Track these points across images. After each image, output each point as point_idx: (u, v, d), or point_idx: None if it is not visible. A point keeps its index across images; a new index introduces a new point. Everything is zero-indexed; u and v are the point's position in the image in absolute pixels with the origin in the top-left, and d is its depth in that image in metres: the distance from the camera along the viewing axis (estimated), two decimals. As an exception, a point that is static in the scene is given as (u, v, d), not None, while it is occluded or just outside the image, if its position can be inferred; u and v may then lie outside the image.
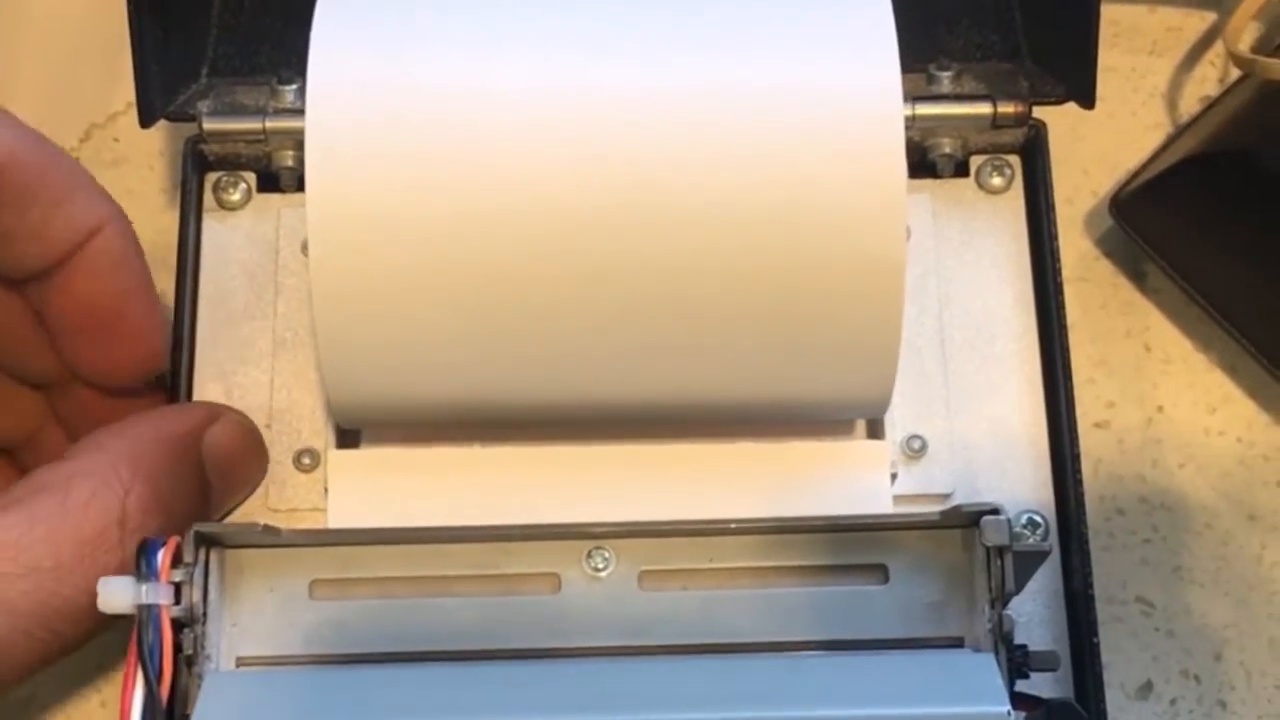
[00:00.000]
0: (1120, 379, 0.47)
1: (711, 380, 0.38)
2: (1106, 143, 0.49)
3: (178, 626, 0.34)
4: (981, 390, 0.42)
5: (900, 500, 0.40)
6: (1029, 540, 0.40)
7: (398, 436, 0.40)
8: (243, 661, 0.36)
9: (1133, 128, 0.50)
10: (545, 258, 0.36)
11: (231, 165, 0.44)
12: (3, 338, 0.41)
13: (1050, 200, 0.43)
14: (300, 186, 0.42)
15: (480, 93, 0.36)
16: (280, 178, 0.44)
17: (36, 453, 0.42)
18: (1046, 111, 0.44)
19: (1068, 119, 0.45)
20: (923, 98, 0.43)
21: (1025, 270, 0.43)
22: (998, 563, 0.35)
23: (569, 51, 0.36)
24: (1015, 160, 0.44)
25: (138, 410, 0.40)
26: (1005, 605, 0.35)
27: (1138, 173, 0.48)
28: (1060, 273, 0.42)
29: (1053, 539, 0.41)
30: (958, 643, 0.36)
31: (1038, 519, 0.41)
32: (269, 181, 0.44)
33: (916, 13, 0.44)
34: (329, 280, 0.36)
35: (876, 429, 0.41)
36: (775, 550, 0.36)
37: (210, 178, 0.44)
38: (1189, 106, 0.51)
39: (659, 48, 0.37)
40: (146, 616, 0.34)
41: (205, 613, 0.35)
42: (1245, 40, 0.50)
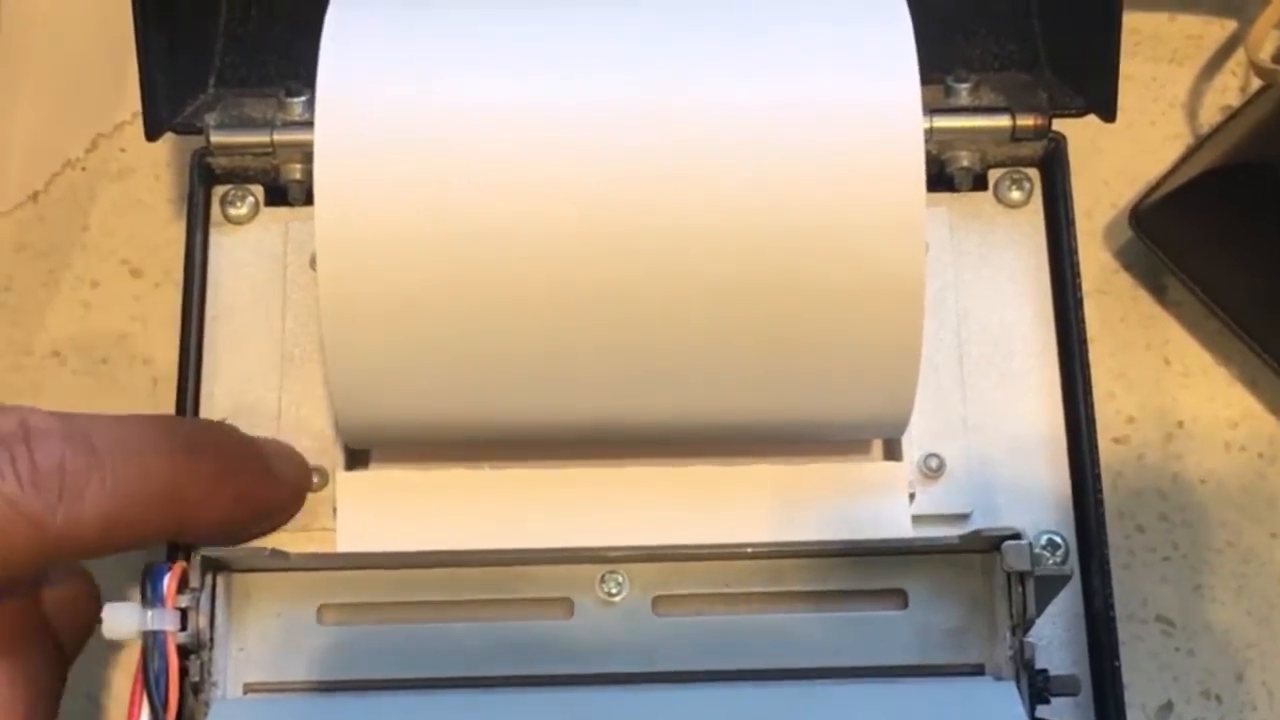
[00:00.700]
0: (1140, 393, 0.47)
1: (726, 400, 0.37)
2: (1126, 153, 0.48)
3: (184, 653, 0.34)
4: (1000, 407, 0.42)
5: (918, 520, 0.39)
6: (1049, 561, 0.40)
7: (408, 455, 0.40)
8: (250, 688, 0.35)
9: (1152, 138, 0.49)
10: (557, 276, 0.35)
11: (239, 178, 0.43)
12: None
13: (1070, 214, 0.42)
14: (309, 200, 0.41)
15: (490, 109, 0.36)
16: (288, 191, 0.43)
17: None
18: (1065, 121, 0.43)
19: (1087, 129, 0.44)
20: (940, 110, 0.43)
21: (1044, 285, 0.43)
22: (1019, 589, 0.34)
23: (580, 67, 0.36)
24: (1034, 173, 0.43)
25: None
26: (1027, 632, 0.34)
27: (1158, 184, 0.47)
28: (1080, 288, 0.42)
29: (1073, 560, 0.40)
30: (978, 670, 0.35)
31: (1058, 539, 0.40)
32: (277, 195, 0.43)
33: (933, 22, 0.44)
34: (337, 301, 0.35)
35: (894, 448, 0.40)
36: (792, 575, 0.36)
37: (217, 191, 0.43)
38: (1210, 116, 0.50)
39: (673, 63, 0.36)
40: (152, 643, 0.33)
41: (212, 638, 0.34)
42: (1267, 49, 0.50)
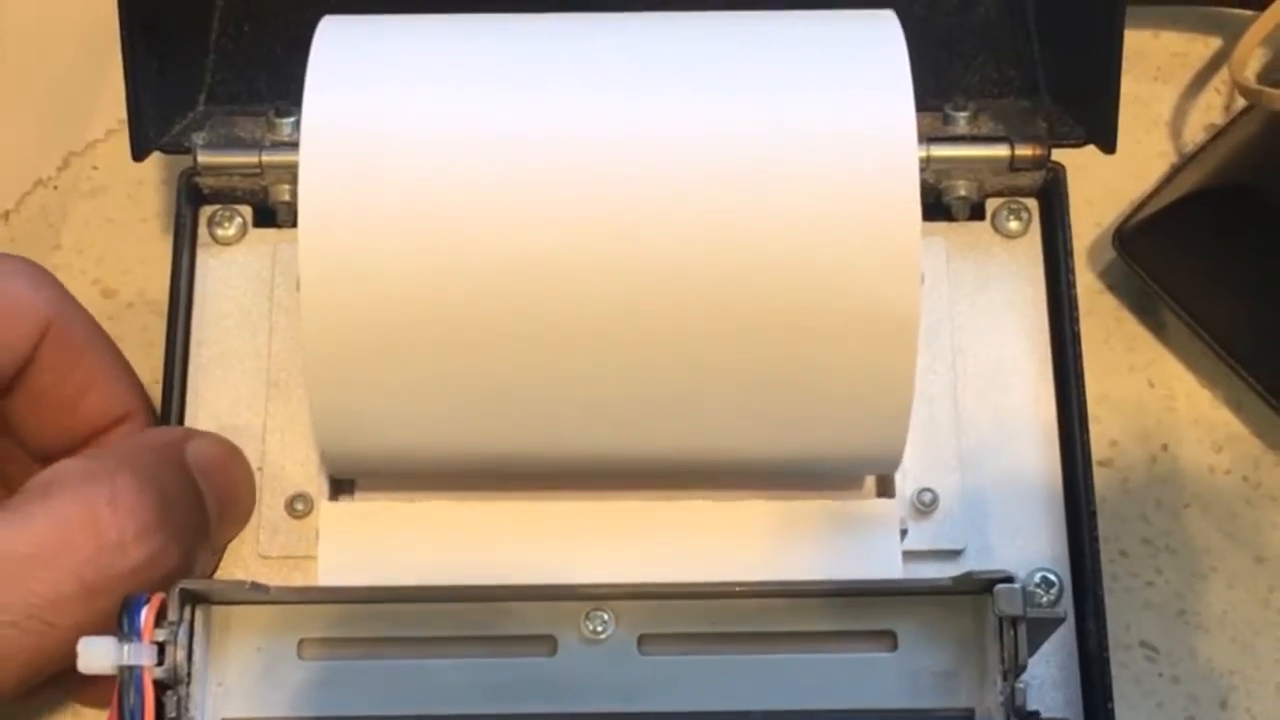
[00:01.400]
0: (1123, 416, 0.46)
1: (715, 435, 0.37)
2: (1110, 172, 0.47)
3: (161, 688, 0.33)
4: (994, 442, 0.41)
5: (910, 556, 0.39)
6: (1042, 600, 0.39)
7: (393, 484, 0.39)
8: (228, 724, 0.35)
9: (1137, 156, 0.49)
10: (544, 306, 0.35)
11: (227, 198, 0.43)
12: None
13: (1068, 246, 0.42)
14: (297, 222, 0.41)
15: (479, 136, 0.35)
16: (277, 212, 0.43)
17: None
18: (1050, 139, 0.43)
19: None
20: (938, 138, 0.42)
21: (1041, 318, 0.42)
22: (1011, 633, 0.34)
23: (569, 98, 0.35)
24: (1032, 203, 0.43)
25: None
26: (1019, 676, 0.34)
27: (1142, 205, 0.47)
28: (1078, 321, 0.41)
29: (1066, 599, 0.40)
30: (968, 715, 0.35)
31: (1051, 577, 0.40)
32: (265, 215, 0.43)
33: (931, 47, 0.44)
34: (321, 331, 0.35)
35: (886, 484, 0.40)
36: (780, 614, 0.35)
37: (205, 211, 0.43)
38: (1194, 134, 0.50)
39: (664, 91, 0.36)
40: (128, 678, 0.33)
41: (190, 673, 0.34)
42: (1251, 68, 0.49)
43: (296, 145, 0.37)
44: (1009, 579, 0.34)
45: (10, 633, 0.34)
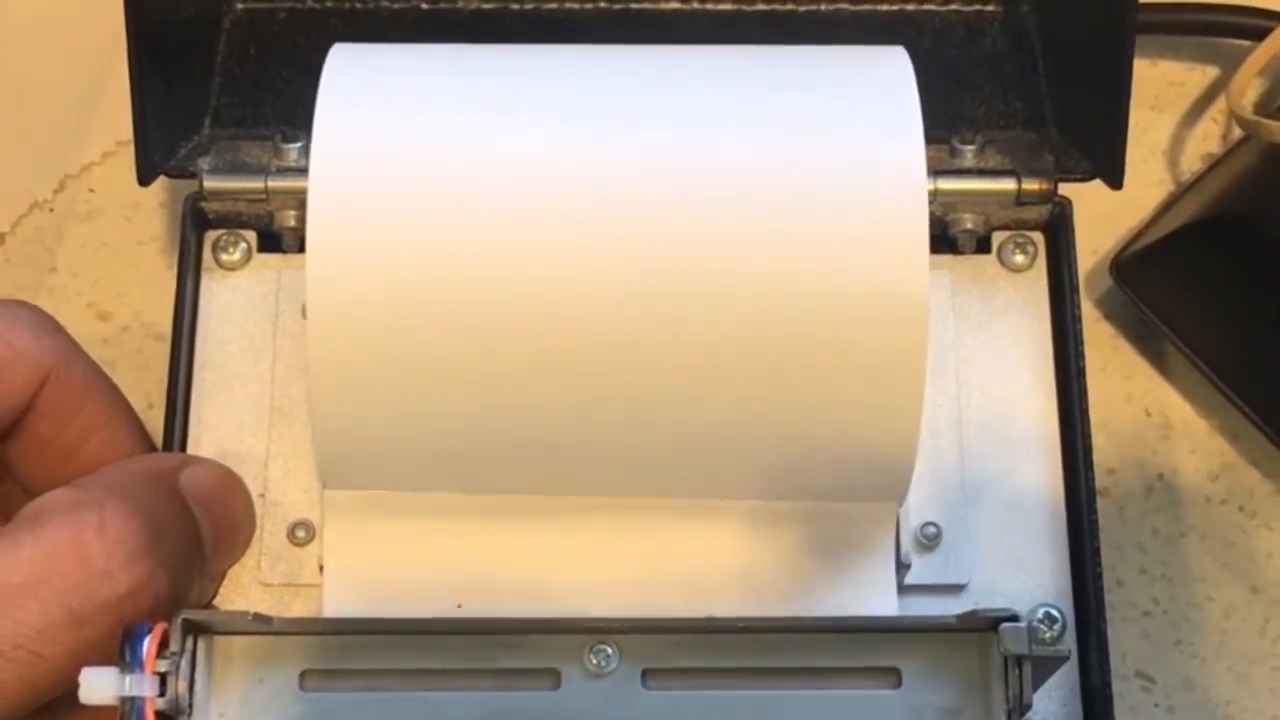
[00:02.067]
0: (1120, 445, 0.46)
1: (721, 469, 0.36)
2: (1107, 200, 0.47)
3: (162, 719, 0.33)
4: (998, 476, 0.41)
5: (913, 591, 0.39)
6: (1045, 636, 0.39)
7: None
8: (230, 755, 0.35)
9: (1133, 185, 0.48)
10: (554, 339, 0.35)
11: (231, 223, 0.43)
12: None
13: (1074, 281, 0.42)
14: (302, 247, 0.40)
15: (491, 167, 0.35)
16: (282, 238, 0.42)
17: None
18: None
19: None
20: (945, 171, 0.42)
21: (1047, 352, 0.42)
22: (1016, 671, 0.34)
23: (579, 129, 0.35)
24: (1039, 237, 0.43)
25: None
26: (1023, 715, 0.34)
27: (1139, 234, 0.47)
28: (1083, 356, 0.41)
29: (1070, 635, 0.39)
30: (973, 754, 0.35)
31: (1055, 613, 0.40)
32: (270, 241, 0.43)
33: (939, 79, 0.44)
34: (326, 363, 0.35)
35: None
36: (785, 650, 0.35)
37: (209, 236, 0.43)
38: (1191, 163, 0.50)
39: (675, 125, 0.36)
40: (130, 709, 0.33)
41: (191, 704, 0.34)
42: (1249, 98, 0.49)
43: (303, 171, 0.37)
44: (1014, 618, 0.34)
45: None
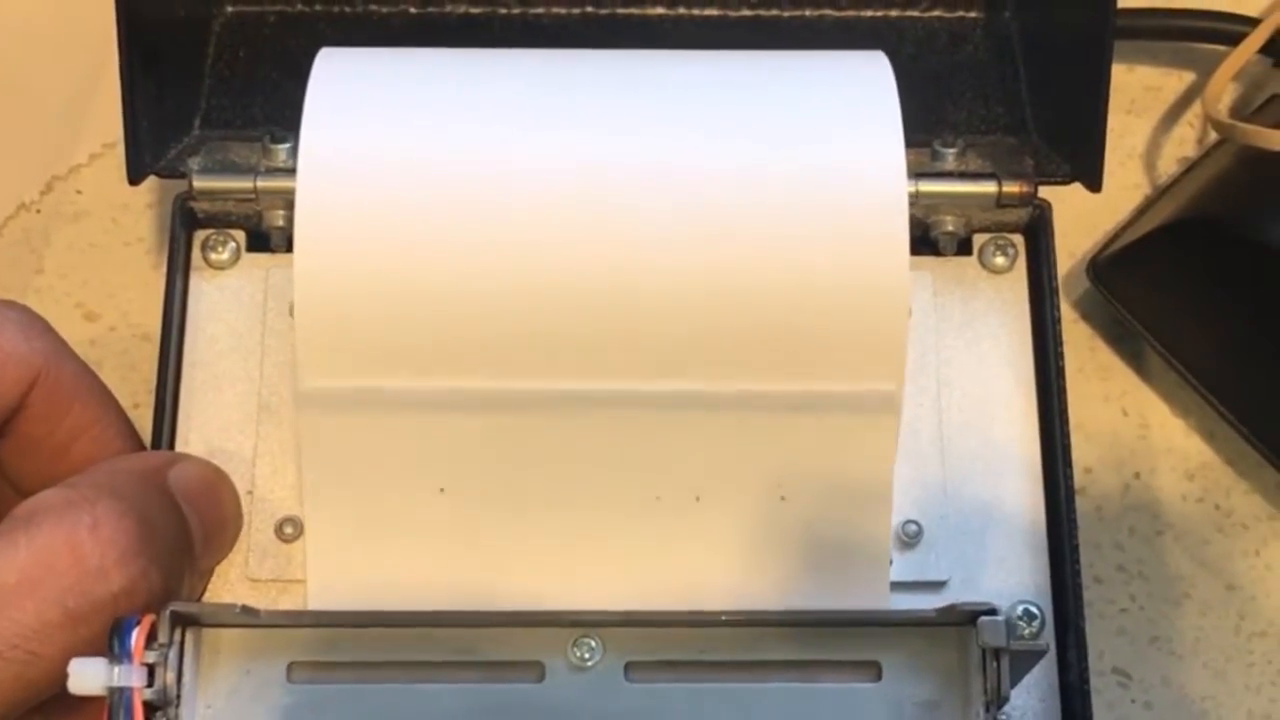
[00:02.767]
0: (1097, 444, 0.47)
1: (708, 346, 0.36)
2: (1083, 203, 0.48)
3: (150, 709, 0.33)
4: (979, 475, 0.41)
5: (895, 587, 0.39)
6: (1024, 631, 0.40)
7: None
8: (217, 746, 0.35)
9: (1110, 188, 0.49)
10: (538, 339, 0.35)
11: (220, 223, 0.43)
12: None
13: (1054, 283, 0.42)
14: (290, 247, 0.40)
15: (476, 168, 0.35)
16: (270, 237, 0.43)
17: None
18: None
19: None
20: (926, 174, 0.42)
21: (1027, 353, 0.42)
22: (994, 664, 0.34)
23: (564, 132, 0.36)
24: (1019, 239, 0.43)
25: None
26: (1001, 708, 0.34)
27: (1115, 236, 0.47)
28: (1063, 357, 0.41)
29: (1048, 631, 0.40)
30: (951, 745, 0.35)
31: (1034, 610, 0.40)
32: (258, 240, 0.43)
33: (921, 84, 0.44)
34: (313, 361, 0.35)
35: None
36: (767, 643, 0.36)
37: (199, 236, 0.43)
38: (1167, 167, 0.50)
39: (658, 129, 0.36)
40: (118, 699, 0.33)
41: (179, 695, 0.34)
42: (1224, 102, 0.50)
43: (291, 171, 0.37)
44: (992, 611, 0.34)
45: None
